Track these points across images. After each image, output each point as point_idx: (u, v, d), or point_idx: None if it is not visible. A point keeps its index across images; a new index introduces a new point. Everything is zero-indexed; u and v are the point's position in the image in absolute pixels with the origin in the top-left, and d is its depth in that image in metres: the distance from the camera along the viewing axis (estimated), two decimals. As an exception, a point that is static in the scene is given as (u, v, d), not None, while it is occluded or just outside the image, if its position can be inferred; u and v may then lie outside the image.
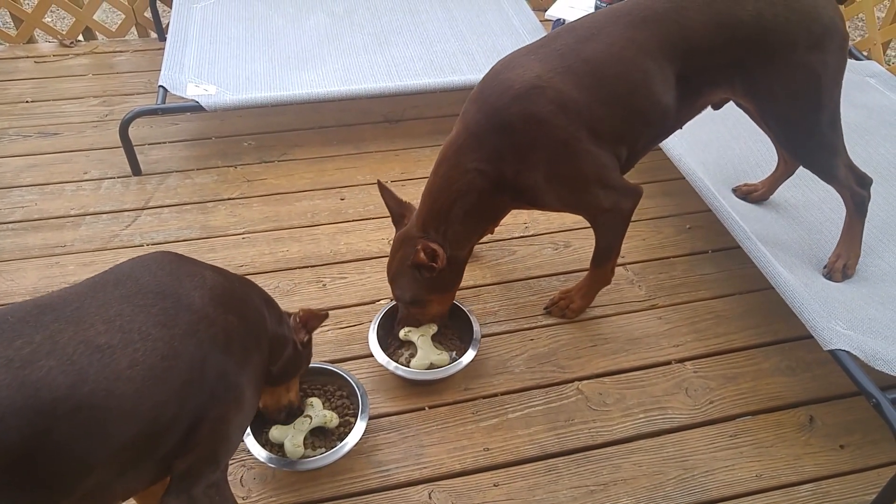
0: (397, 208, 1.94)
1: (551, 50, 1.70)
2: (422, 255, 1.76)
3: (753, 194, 2.31)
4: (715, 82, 1.79)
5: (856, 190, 1.98)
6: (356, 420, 1.77)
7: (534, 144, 1.68)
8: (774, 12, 1.66)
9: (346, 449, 1.71)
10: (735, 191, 2.34)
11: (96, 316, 1.14)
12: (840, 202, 2.03)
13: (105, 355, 1.10)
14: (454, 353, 1.99)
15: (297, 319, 1.59)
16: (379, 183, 1.94)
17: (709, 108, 1.96)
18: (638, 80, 1.69)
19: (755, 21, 1.67)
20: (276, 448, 1.73)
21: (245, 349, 1.33)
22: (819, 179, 1.98)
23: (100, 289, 1.21)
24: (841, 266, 2.01)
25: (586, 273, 2.13)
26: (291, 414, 1.72)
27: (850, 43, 3.11)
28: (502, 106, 1.67)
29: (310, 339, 1.64)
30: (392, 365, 1.91)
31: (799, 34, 1.69)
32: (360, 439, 1.74)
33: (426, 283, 1.85)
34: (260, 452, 1.69)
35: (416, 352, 1.95)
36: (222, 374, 1.26)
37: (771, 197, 2.32)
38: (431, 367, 1.92)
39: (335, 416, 1.77)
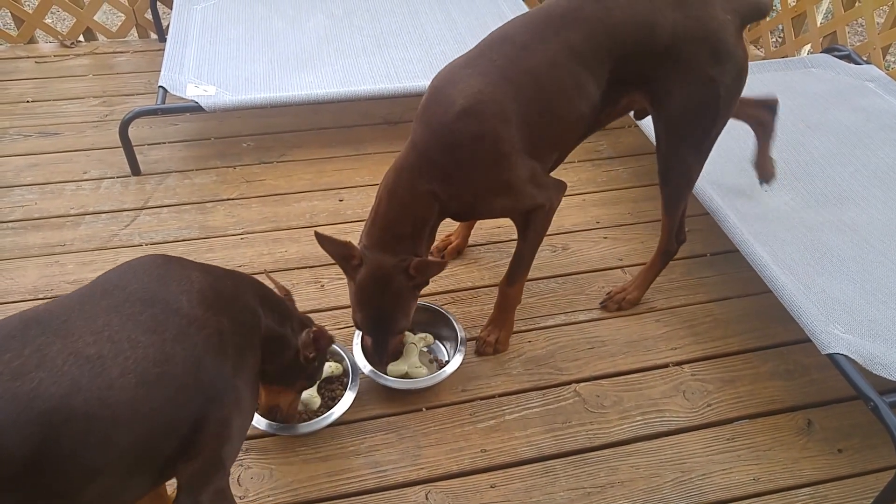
0: (341, 250, 1.75)
1: (488, 61, 1.69)
2: (417, 272, 1.72)
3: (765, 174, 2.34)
4: (633, 84, 1.81)
5: (676, 238, 2.10)
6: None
7: (478, 159, 1.68)
8: (686, 25, 1.72)
9: (336, 415, 1.81)
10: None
11: (84, 328, 1.13)
12: (842, 199, 2.02)
13: (95, 365, 1.09)
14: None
15: (310, 335, 1.56)
16: (316, 234, 1.73)
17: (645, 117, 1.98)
18: (572, 89, 1.71)
19: (672, 30, 1.72)
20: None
21: (240, 351, 1.32)
22: (822, 182, 1.95)
23: (87, 300, 1.20)
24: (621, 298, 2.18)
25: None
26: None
27: (850, 47, 3.13)
28: (447, 123, 1.65)
29: (316, 359, 1.60)
30: (371, 372, 1.92)
31: (705, 52, 1.74)
32: (354, 428, 1.78)
33: (413, 303, 1.83)
34: (260, 421, 1.75)
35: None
36: (219, 377, 1.26)
37: (769, 200, 2.31)
38: (406, 376, 1.93)
39: (339, 365, 1.94)
